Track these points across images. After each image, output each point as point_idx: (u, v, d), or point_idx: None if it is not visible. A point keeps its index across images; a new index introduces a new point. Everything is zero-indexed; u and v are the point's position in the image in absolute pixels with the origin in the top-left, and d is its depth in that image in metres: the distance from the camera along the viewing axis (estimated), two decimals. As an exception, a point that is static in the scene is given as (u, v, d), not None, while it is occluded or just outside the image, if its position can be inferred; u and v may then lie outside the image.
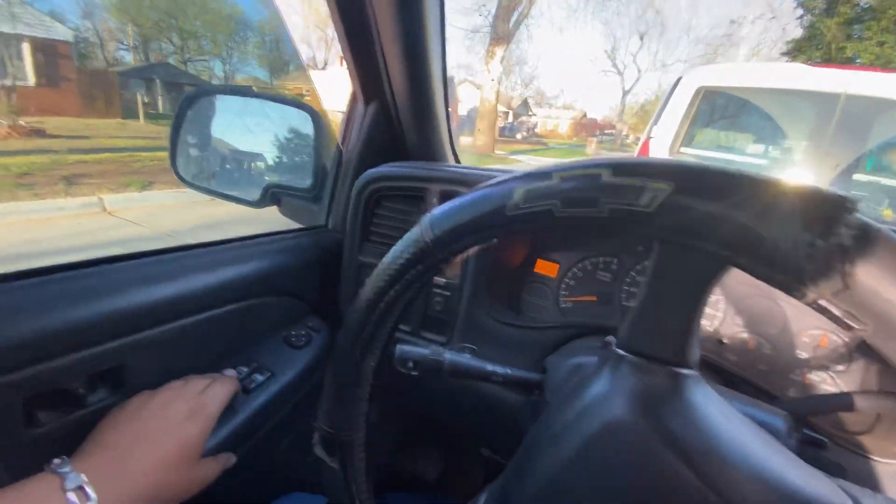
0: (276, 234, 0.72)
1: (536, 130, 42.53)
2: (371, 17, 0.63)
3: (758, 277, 0.22)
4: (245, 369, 0.62)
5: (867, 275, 0.19)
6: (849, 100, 2.48)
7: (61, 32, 14.27)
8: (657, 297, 0.28)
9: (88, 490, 0.37)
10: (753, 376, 0.54)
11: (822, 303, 0.21)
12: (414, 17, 0.62)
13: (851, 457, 0.46)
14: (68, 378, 0.46)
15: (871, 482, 0.44)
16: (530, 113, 43.73)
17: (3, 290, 0.44)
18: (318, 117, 0.76)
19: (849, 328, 0.50)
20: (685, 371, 0.28)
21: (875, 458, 0.45)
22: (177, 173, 0.85)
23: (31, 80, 12.65)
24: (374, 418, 0.41)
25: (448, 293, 0.67)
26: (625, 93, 42.52)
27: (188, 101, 0.81)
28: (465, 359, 0.48)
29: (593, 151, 24.23)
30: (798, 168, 2.81)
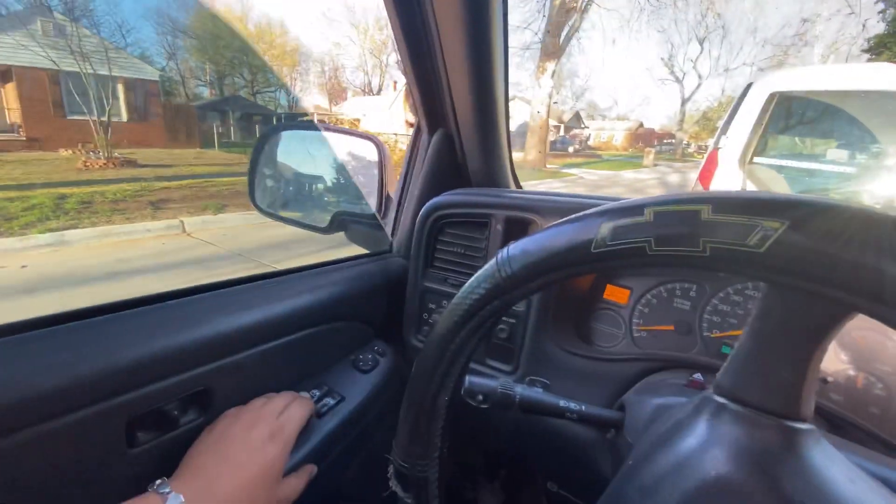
0: (343, 261, 0.75)
1: (589, 143, 41.59)
2: (438, 50, 0.65)
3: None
4: (317, 392, 0.64)
5: None
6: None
7: (149, 73, 16.00)
8: (767, 344, 0.26)
9: None
10: (864, 420, 0.48)
11: None
12: (481, 48, 0.63)
13: None
14: (164, 401, 0.49)
15: None
16: (582, 125, 42.92)
17: (111, 320, 0.49)
18: (381, 147, 0.79)
19: None
20: (801, 425, 0.25)
21: None
22: (255, 204, 0.92)
23: (124, 116, 14.23)
24: (445, 448, 0.41)
25: (513, 320, 0.66)
26: (684, 100, 40.62)
27: (264, 138, 0.87)
28: (538, 394, 0.46)
29: (651, 162, 23.27)
30: (892, 175, 2.54)
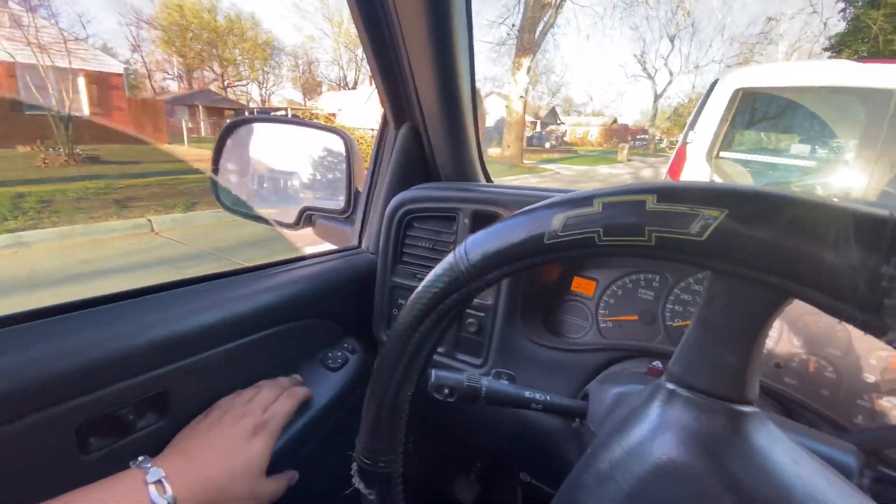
0: (310, 258, 0.73)
1: (565, 139, 42.12)
2: (401, 42, 0.64)
3: (828, 313, 0.20)
4: None
5: None
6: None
7: (113, 65, 15.36)
8: (712, 330, 0.26)
9: (166, 484, 0.42)
10: (816, 402, 0.50)
11: None
12: (444, 40, 0.62)
13: None
14: (117, 405, 0.47)
15: None
16: (558, 121, 43.40)
17: (58, 322, 0.46)
18: (349, 141, 0.77)
19: None
20: (746, 408, 0.26)
21: None
22: (218, 199, 0.89)
23: (86, 110, 13.63)
24: (410, 443, 0.41)
25: (482, 314, 0.66)
26: (656, 97, 41.54)
27: (227, 130, 0.84)
28: (503, 385, 0.47)
29: (625, 157, 23.71)
30: (849, 169, 2.65)
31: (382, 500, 0.40)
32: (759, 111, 3.00)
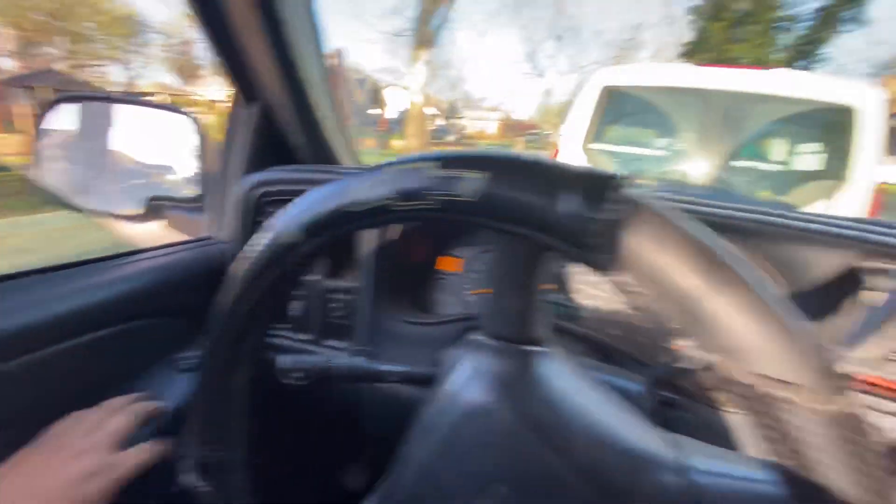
0: (151, 250, 0.66)
1: (466, 132, 43.31)
2: (231, 13, 0.60)
3: (563, 256, 0.24)
4: None
5: (635, 244, 0.21)
6: (728, 95, 2.79)
7: (-84, 35, 12.31)
8: (498, 282, 0.29)
9: None
10: (632, 349, 0.58)
11: (614, 276, 0.23)
12: (272, 14, 0.60)
13: (709, 411, 0.51)
14: None
15: (723, 433, 0.49)
16: (459, 115, 44.47)
17: None
18: (197, 123, 0.71)
19: (636, 297, 0.55)
20: (535, 348, 0.30)
21: (727, 409, 0.51)
22: (46, 191, 0.77)
23: None
24: (257, 427, 0.39)
25: (349, 297, 0.66)
26: (546, 94, 44.50)
27: (47, 108, 0.73)
28: (357, 362, 0.47)
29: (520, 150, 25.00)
30: (694, 159, 3.09)
31: (220, 492, 0.38)
32: (623, 107, 3.35)
